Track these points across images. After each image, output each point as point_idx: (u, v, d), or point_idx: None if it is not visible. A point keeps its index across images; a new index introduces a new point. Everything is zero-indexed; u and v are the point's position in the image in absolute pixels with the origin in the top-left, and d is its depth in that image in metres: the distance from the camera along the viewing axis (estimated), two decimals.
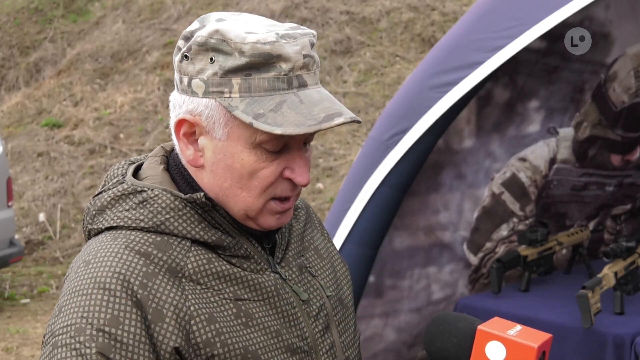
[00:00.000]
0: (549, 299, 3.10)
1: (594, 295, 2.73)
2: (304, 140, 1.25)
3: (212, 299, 1.23)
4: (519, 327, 1.23)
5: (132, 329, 1.17)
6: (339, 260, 1.45)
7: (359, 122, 1.21)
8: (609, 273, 2.86)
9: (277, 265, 1.30)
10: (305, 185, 1.25)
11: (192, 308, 1.20)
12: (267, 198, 1.25)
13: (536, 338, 1.21)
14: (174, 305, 1.20)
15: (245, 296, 1.25)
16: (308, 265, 1.36)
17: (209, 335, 1.20)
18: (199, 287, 1.22)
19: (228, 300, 1.24)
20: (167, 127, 8.22)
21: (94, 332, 1.16)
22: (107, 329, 1.16)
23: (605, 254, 3.01)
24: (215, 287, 1.23)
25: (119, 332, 1.16)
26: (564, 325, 2.79)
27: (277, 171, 1.23)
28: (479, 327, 1.22)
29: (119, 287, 1.18)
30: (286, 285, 1.30)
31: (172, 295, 1.20)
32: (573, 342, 2.79)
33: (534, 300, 3.12)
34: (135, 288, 1.18)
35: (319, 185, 7.19)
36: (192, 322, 1.20)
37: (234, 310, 1.23)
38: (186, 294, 1.21)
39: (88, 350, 1.15)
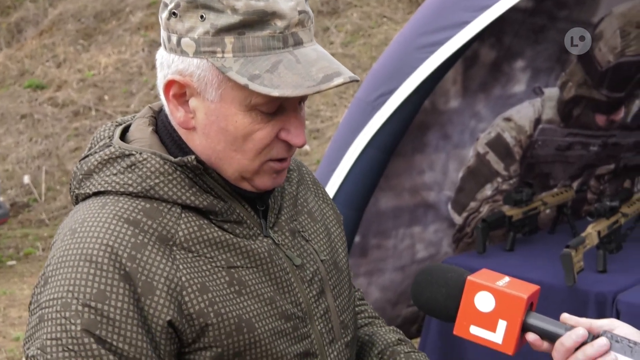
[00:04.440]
0: (534, 259, 3.13)
1: (577, 254, 2.76)
2: (300, 100, 1.21)
3: (204, 267, 1.20)
4: (507, 278, 1.23)
5: (119, 304, 1.13)
6: (334, 221, 1.42)
7: (357, 80, 1.16)
8: (592, 232, 2.88)
9: (269, 230, 1.28)
10: (301, 146, 1.22)
11: (183, 278, 1.17)
12: (263, 160, 1.21)
13: (525, 289, 1.22)
14: (164, 276, 1.16)
15: (238, 263, 1.22)
16: (301, 230, 1.34)
17: (202, 305, 1.17)
18: (190, 255, 1.19)
19: (220, 268, 1.21)
20: (153, 88, 8.17)
21: (80, 308, 1.13)
22: (93, 304, 1.13)
23: (589, 214, 3.03)
24: (207, 255, 1.20)
25: (105, 307, 1.13)
26: (548, 283, 2.81)
27: (272, 133, 1.20)
28: (469, 277, 1.22)
29: (106, 260, 1.14)
30: (279, 250, 1.28)
31: (162, 266, 1.16)
32: (556, 300, 2.82)
33: (518, 259, 3.15)
34: (123, 261, 1.14)
35: (306, 147, 7.18)
36: (184, 292, 1.16)
37: (227, 278, 1.21)
38: (177, 264, 1.18)
39: (73, 327, 1.12)
